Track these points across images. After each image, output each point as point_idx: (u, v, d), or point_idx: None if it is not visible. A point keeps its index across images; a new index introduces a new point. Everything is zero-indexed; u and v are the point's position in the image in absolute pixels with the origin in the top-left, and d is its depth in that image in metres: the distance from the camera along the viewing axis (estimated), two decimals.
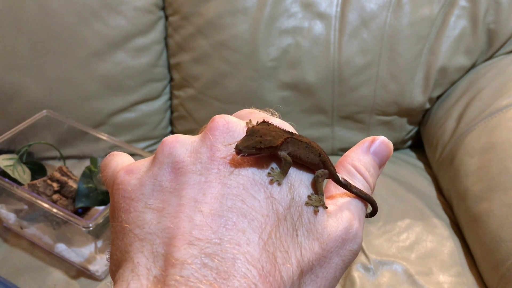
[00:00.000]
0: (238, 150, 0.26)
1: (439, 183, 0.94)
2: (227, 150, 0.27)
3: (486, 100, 0.88)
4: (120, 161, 0.30)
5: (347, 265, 0.28)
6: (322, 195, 0.28)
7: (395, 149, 1.05)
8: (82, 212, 0.80)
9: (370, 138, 0.33)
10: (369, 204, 0.32)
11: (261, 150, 0.27)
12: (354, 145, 0.33)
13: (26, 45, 0.90)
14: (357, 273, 0.75)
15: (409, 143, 1.07)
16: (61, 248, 0.76)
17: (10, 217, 0.80)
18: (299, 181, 0.28)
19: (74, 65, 0.92)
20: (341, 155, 0.33)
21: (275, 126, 0.29)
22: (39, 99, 0.92)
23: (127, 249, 0.25)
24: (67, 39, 0.90)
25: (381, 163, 0.33)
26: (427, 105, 0.99)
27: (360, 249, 0.30)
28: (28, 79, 0.91)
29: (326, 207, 0.28)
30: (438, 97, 0.99)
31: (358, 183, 0.31)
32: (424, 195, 0.92)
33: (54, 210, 0.71)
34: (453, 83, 0.98)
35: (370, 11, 0.91)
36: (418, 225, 0.84)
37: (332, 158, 1.23)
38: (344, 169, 0.32)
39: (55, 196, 0.78)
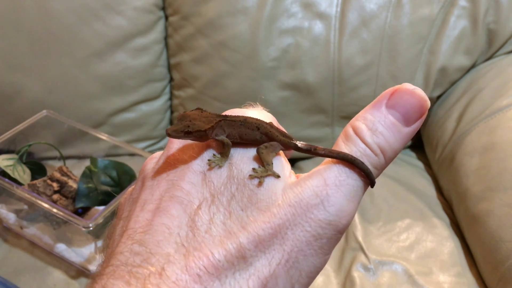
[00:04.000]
0: (167, 133, 0.27)
1: (439, 183, 0.94)
2: (179, 152, 0.29)
3: (486, 100, 0.88)
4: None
5: (322, 238, 0.24)
6: (269, 165, 0.26)
7: None
8: (82, 212, 0.80)
9: (391, 88, 0.26)
10: (362, 171, 0.26)
11: (190, 134, 0.27)
12: None
13: (26, 45, 0.90)
14: (357, 273, 0.75)
15: (409, 143, 1.07)
16: (61, 248, 0.76)
17: (10, 217, 0.80)
18: (241, 157, 0.28)
19: (74, 65, 0.92)
20: None
21: (209, 112, 0.29)
22: (39, 99, 0.92)
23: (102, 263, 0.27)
24: (67, 39, 0.90)
25: (407, 118, 0.26)
26: None
27: (341, 221, 0.24)
28: (28, 79, 0.91)
29: (278, 176, 0.26)
30: (438, 97, 0.99)
31: (351, 146, 0.26)
32: (424, 195, 0.92)
33: (54, 210, 0.71)
34: (453, 83, 0.98)
35: (370, 11, 0.91)
36: (418, 225, 0.84)
37: None
38: (343, 133, 0.27)
39: (55, 196, 0.78)
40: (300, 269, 0.24)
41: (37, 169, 0.86)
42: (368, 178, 0.26)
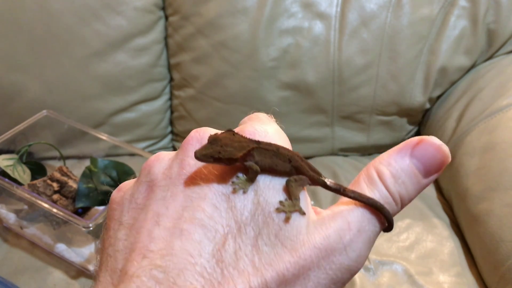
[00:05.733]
0: (196, 157, 0.26)
1: (439, 183, 0.94)
2: (196, 163, 0.26)
3: (486, 100, 0.88)
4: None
5: (338, 282, 0.25)
6: (297, 200, 0.25)
7: None
8: (82, 212, 0.80)
9: (417, 138, 0.27)
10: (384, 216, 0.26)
11: (220, 161, 0.26)
12: (353, 145, 0.30)
13: (26, 45, 0.90)
14: (357, 273, 0.75)
15: None
16: (61, 248, 0.76)
17: (10, 217, 0.80)
18: (268, 185, 0.26)
19: (74, 65, 0.92)
20: (341, 155, 0.30)
21: (241, 136, 0.27)
22: (39, 99, 0.92)
23: (100, 266, 0.25)
24: (67, 39, 0.90)
25: (427, 171, 0.26)
26: (427, 105, 0.99)
27: (358, 266, 0.25)
28: (28, 79, 0.91)
29: (304, 213, 0.25)
30: (438, 97, 0.99)
31: (375, 191, 0.26)
32: (424, 195, 0.92)
33: (54, 210, 0.71)
34: (453, 83, 0.98)
35: (370, 11, 0.91)
36: (418, 225, 0.84)
37: (332, 158, 1.21)
38: (366, 174, 0.27)
39: (55, 196, 0.78)
40: None
41: (37, 169, 0.86)
42: (388, 225, 0.27)
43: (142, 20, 0.93)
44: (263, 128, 0.28)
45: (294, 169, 0.27)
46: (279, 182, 0.26)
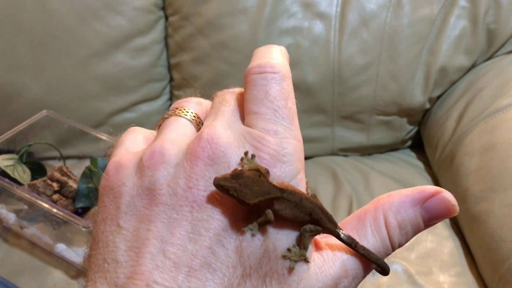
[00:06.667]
0: (213, 183, 0.24)
1: (439, 183, 0.94)
2: (205, 184, 0.24)
3: (486, 100, 0.88)
4: (130, 145, 0.29)
5: None
6: (306, 250, 0.25)
7: (395, 149, 1.05)
8: (82, 212, 0.80)
9: (433, 189, 0.26)
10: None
11: (233, 198, 0.24)
12: (353, 145, 0.30)
13: (26, 45, 0.90)
14: None
15: (409, 143, 1.07)
16: (61, 248, 0.76)
17: (10, 217, 0.80)
18: (278, 231, 0.25)
19: (74, 65, 0.92)
20: (341, 155, 0.29)
21: (266, 180, 0.24)
22: (39, 99, 0.92)
23: (95, 266, 0.25)
24: (67, 39, 0.90)
25: (430, 221, 0.26)
26: (427, 105, 0.99)
27: None
28: (28, 79, 0.91)
29: (308, 262, 0.25)
30: (438, 97, 0.99)
31: (377, 239, 0.26)
32: None
33: (54, 210, 0.71)
34: (453, 83, 0.98)
35: (370, 11, 0.91)
36: None
37: (332, 158, 1.21)
38: (372, 215, 0.27)
39: (55, 196, 0.78)
40: None
41: (37, 169, 0.86)
42: (382, 272, 0.28)
43: (142, 20, 0.93)
44: (282, 146, 0.25)
45: (313, 222, 0.26)
46: (288, 227, 0.25)
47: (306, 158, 1.00)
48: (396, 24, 0.91)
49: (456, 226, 0.85)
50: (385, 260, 0.28)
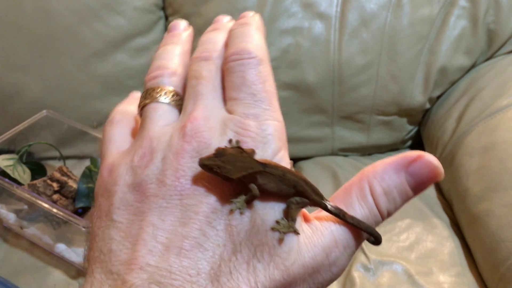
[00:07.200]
0: (199, 163, 0.25)
1: (439, 183, 0.94)
2: (192, 173, 0.25)
3: (486, 100, 0.88)
4: (117, 142, 0.30)
5: None
6: (294, 221, 0.25)
7: (395, 149, 1.05)
8: (82, 212, 0.79)
9: (416, 153, 0.26)
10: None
11: (218, 176, 0.25)
12: (353, 145, 0.30)
13: (26, 45, 0.90)
14: (357, 273, 0.75)
15: (409, 143, 1.07)
16: (61, 248, 0.76)
17: (10, 217, 0.80)
18: (266, 204, 0.26)
19: (74, 65, 0.92)
20: (341, 155, 0.29)
21: (248, 156, 0.26)
22: (39, 99, 0.92)
23: (92, 258, 0.26)
24: (67, 39, 0.90)
25: (418, 188, 0.27)
26: (427, 105, 0.99)
27: (337, 277, 0.27)
28: (28, 79, 0.91)
29: (298, 233, 0.25)
30: (438, 97, 0.99)
31: (365, 208, 0.27)
32: (424, 195, 0.92)
33: (54, 210, 0.71)
34: (453, 83, 0.98)
35: (370, 11, 0.91)
36: (418, 225, 0.84)
37: (332, 158, 1.21)
38: (358, 186, 0.27)
39: (55, 196, 0.78)
40: None
41: (37, 169, 0.86)
42: (375, 240, 0.28)
43: (142, 20, 0.93)
44: (262, 128, 0.27)
45: (298, 194, 0.27)
46: (275, 200, 0.26)
47: (306, 158, 1.00)
48: (396, 24, 0.91)
49: (456, 226, 0.85)
50: (385, 260, 0.28)
